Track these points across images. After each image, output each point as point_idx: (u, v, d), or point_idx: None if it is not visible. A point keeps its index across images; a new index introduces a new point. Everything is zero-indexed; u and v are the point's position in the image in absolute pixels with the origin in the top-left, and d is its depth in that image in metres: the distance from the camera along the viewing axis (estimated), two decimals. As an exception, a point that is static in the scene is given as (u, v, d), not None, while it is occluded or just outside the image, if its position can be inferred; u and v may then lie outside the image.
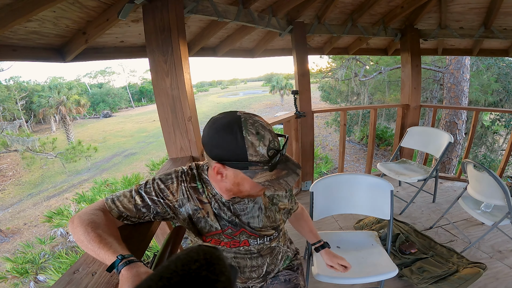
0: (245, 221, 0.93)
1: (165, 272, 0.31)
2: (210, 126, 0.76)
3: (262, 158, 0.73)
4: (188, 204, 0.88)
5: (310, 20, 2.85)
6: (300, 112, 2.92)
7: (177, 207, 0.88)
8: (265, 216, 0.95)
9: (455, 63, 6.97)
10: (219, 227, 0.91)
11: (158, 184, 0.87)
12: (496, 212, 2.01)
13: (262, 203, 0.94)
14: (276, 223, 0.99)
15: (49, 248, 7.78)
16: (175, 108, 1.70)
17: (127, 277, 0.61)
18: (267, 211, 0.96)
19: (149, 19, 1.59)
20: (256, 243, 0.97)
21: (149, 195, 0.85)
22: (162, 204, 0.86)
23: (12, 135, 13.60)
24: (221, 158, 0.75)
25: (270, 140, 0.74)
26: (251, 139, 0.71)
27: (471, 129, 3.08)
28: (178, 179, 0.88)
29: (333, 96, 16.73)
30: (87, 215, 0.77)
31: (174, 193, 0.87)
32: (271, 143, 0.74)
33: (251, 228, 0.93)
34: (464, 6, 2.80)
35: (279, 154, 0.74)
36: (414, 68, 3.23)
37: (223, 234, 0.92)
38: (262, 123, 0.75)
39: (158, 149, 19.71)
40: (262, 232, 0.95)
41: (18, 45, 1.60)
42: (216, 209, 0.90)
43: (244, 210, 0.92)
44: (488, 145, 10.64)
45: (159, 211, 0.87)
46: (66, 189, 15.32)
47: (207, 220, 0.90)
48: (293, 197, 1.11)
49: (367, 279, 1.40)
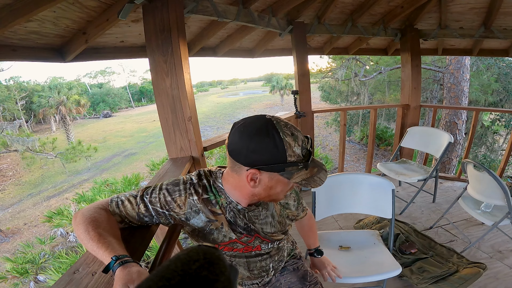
0: (259, 227, 0.93)
1: (165, 272, 0.31)
2: (242, 131, 0.73)
3: (299, 158, 0.74)
4: (198, 217, 0.86)
5: (310, 20, 2.85)
6: (300, 112, 2.92)
7: (184, 220, 0.86)
8: (277, 222, 0.97)
9: (455, 63, 6.97)
10: (233, 236, 0.89)
11: (165, 195, 0.84)
12: (496, 212, 2.01)
13: (274, 210, 0.96)
14: (285, 228, 1.02)
15: (49, 248, 7.77)
16: (175, 108, 1.70)
17: (120, 277, 0.61)
18: (279, 217, 0.98)
19: (149, 19, 1.59)
20: (267, 247, 1.00)
21: (153, 205, 0.83)
22: (165, 216, 0.84)
23: (12, 135, 13.60)
24: (258, 163, 0.73)
25: (303, 140, 0.75)
26: (288, 140, 0.71)
27: (471, 129, 3.08)
28: (187, 192, 0.84)
29: (333, 96, 16.74)
30: (90, 213, 0.78)
31: (182, 206, 0.84)
32: (303, 142, 0.75)
33: (264, 233, 0.94)
34: (464, 6, 2.80)
35: (311, 153, 0.76)
36: (414, 68, 3.23)
37: (239, 241, 0.92)
38: (292, 124, 0.76)
39: (158, 149, 19.70)
40: (274, 237, 0.97)
41: (18, 45, 1.60)
42: (232, 217, 0.88)
43: (258, 217, 0.93)
44: (488, 145, 10.64)
45: (162, 222, 0.86)
46: (66, 189, 15.31)
47: (220, 231, 0.88)
48: (301, 204, 1.11)
49: (371, 278, 1.41)
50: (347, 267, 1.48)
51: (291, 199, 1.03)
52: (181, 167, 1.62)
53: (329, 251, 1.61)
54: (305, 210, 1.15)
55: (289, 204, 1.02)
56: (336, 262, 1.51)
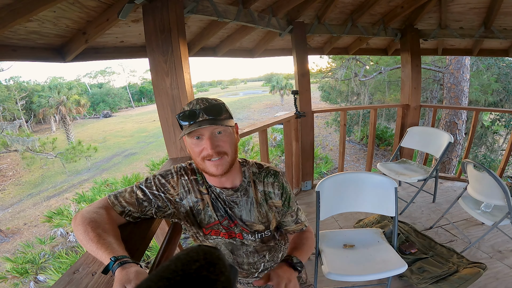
0: (238, 213, 0.95)
1: (165, 272, 0.31)
2: None
3: (181, 114, 0.85)
4: (189, 197, 0.93)
5: (310, 20, 2.85)
6: (300, 112, 2.92)
7: (178, 200, 0.92)
8: (257, 211, 0.96)
9: (455, 63, 6.96)
10: (216, 218, 0.94)
11: (159, 179, 0.91)
12: (496, 212, 2.01)
13: (253, 197, 0.96)
14: (268, 220, 0.98)
15: (49, 248, 7.77)
16: (175, 108, 1.70)
17: (119, 278, 0.62)
18: (259, 206, 0.96)
19: (149, 19, 1.59)
20: (249, 238, 0.98)
21: (150, 189, 0.89)
22: (163, 198, 0.90)
23: (12, 135, 13.59)
24: None
25: (196, 103, 0.85)
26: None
27: (471, 129, 3.08)
28: (178, 174, 0.93)
29: (333, 96, 16.74)
30: (89, 214, 0.79)
31: (175, 186, 0.92)
32: (193, 105, 0.85)
33: (243, 222, 0.95)
34: (464, 6, 2.80)
35: (196, 112, 0.84)
36: (414, 68, 3.23)
37: (221, 225, 0.95)
38: None
39: (158, 149, 19.70)
40: (253, 227, 0.96)
41: (18, 45, 1.60)
42: (214, 199, 0.94)
43: (237, 203, 0.94)
44: (488, 145, 10.64)
45: (160, 205, 0.90)
46: (66, 189, 15.30)
47: (206, 211, 0.94)
48: (295, 212, 1.02)
49: (378, 275, 1.41)
50: (353, 265, 1.49)
51: (275, 188, 0.96)
52: (182, 161, 1.62)
53: (333, 250, 1.61)
54: (300, 223, 1.04)
55: (271, 193, 0.97)
56: (341, 261, 1.52)
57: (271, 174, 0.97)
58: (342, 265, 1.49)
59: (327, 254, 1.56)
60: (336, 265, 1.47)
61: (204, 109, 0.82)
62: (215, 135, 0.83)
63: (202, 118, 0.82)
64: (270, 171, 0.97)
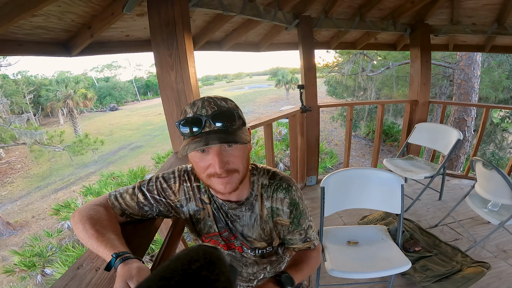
0: (239, 228, 0.89)
1: (165, 272, 0.31)
2: None
3: (182, 121, 0.74)
4: (190, 204, 0.88)
5: (317, 14, 2.81)
6: (305, 106, 2.90)
7: (179, 207, 0.88)
8: (260, 228, 0.89)
9: (466, 59, 6.83)
10: (217, 229, 0.89)
11: (161, 183, 0.86)
12: (503, 211, 1.98)
13: (259, 213, 0.87)
14: (271, 238, 0.91)
15: (56, 241, 7.93)
16: (180, 101, 1.69)
17: (121, 274, 0.61)
18: (264, 223, 0.88)
19: (154, 13, 1.57)
20: (249, 253, 0.93)
21: (151, 193, 0.84)
22: (164, 203, 0.86)
23: (20, 128, 13.77)
24: None
25: (200, 106, 0.72)
26: (186, 107, 0.74)
27: (481, 126, 3.03)
28: (180, 179, 0.87)
29: (339, 91, 16.55)
30: (87, 211, 0.77)
31: (176, 193, 0.86)
32: (198, 108, 0.72)
33: (244, 237, 0.90)
34: (477, 2, 2.72)
35: (201, 119, 0.71)
36: (423, 63, 3.17)
37: (221, 236, 0.91)
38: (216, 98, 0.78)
39: (163, 142, 19.84)
40: (254, 243, 0.90)
41: (23, 40, 1.61)
42: (216, 209, 0.88)
43: (240, 217, 0.88)
44: (497, 142, 10.46)
45: (162, 210, 0.87)
46: (74, 181, 15.55)
47: (206, 222, 0.89)
48: (304, 230, 0.91)
49: (382, 273, 1.41)
50: (357, 262, 1.49)
51: (284, 205, 0.86)
52: (186, 160, 1.62)
53: (337, 247, 1.61)
54: (308, 242, 0.93)
55: (279, 210, 0.87)
56: (345, 258, 1.52)
57: (283, 188, 0.85)
58: (345, 262, 1.48)
59: (331, 251, 1.56)
60: (339, 262, 1.47)
61: (212, 116, 0.68)
62: (224, 148, 0.71)
63: (209, 128, 0.69)
64: (282, 184, 0.86)
